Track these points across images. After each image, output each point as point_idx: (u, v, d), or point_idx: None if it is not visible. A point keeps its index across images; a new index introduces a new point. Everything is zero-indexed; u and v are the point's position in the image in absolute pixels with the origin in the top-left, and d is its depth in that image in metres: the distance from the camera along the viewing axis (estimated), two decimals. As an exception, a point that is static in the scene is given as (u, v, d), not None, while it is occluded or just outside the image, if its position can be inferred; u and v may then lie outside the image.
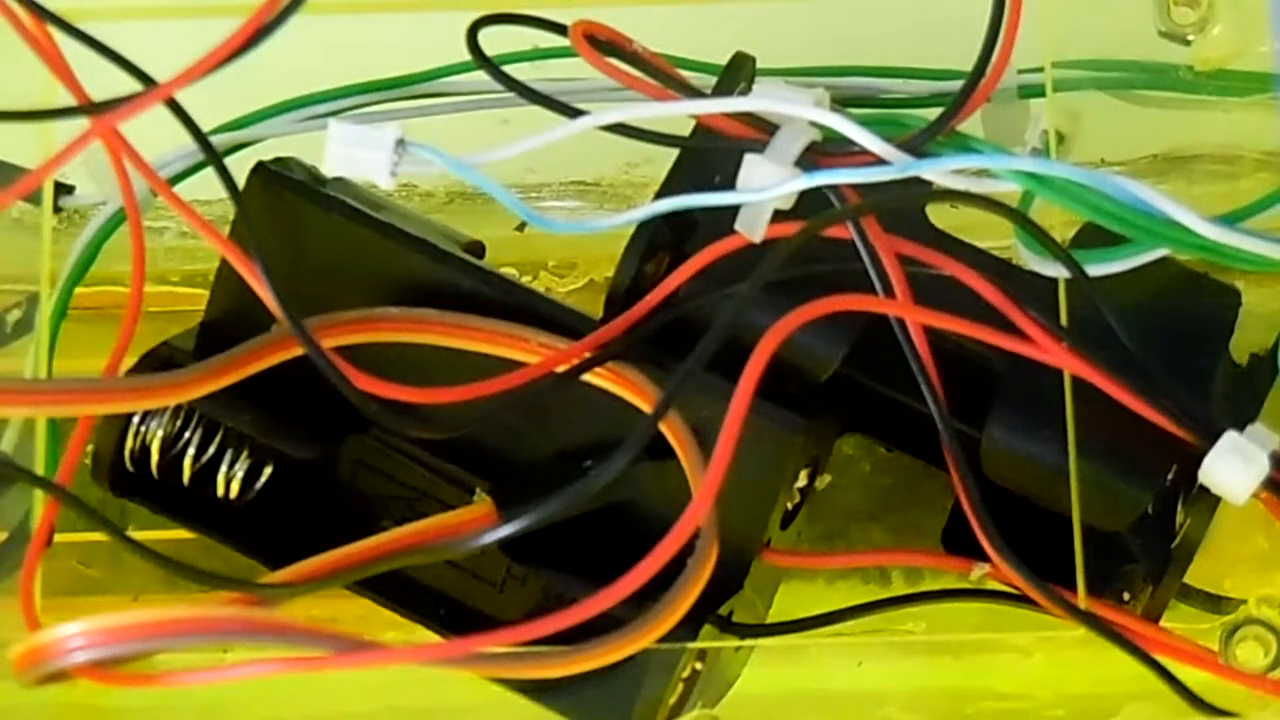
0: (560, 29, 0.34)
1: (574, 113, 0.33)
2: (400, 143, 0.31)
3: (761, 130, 0.32)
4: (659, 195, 0.34)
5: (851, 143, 0.32)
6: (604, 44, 0.34)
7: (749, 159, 0.32)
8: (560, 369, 0.34)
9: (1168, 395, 0.32)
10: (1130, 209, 0.32)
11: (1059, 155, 0.35)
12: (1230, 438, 0.32)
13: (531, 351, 0.34)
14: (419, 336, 0.34)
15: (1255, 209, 0.34)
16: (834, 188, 0.32)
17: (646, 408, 0.33)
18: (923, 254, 0.33)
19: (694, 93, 0.34)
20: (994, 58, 0.33)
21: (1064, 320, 0.34)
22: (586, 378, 0.34)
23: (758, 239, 0.33)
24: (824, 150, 0.32)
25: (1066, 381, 0.34)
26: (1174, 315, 0.35)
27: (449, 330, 0.34)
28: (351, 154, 0.32)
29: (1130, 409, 0.32)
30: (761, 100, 0.33)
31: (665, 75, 0.34)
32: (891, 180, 0.32)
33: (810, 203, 0.33)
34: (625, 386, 0.34)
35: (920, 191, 0.34)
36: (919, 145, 0.32)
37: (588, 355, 0.34)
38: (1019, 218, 0.33)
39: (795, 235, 0.32)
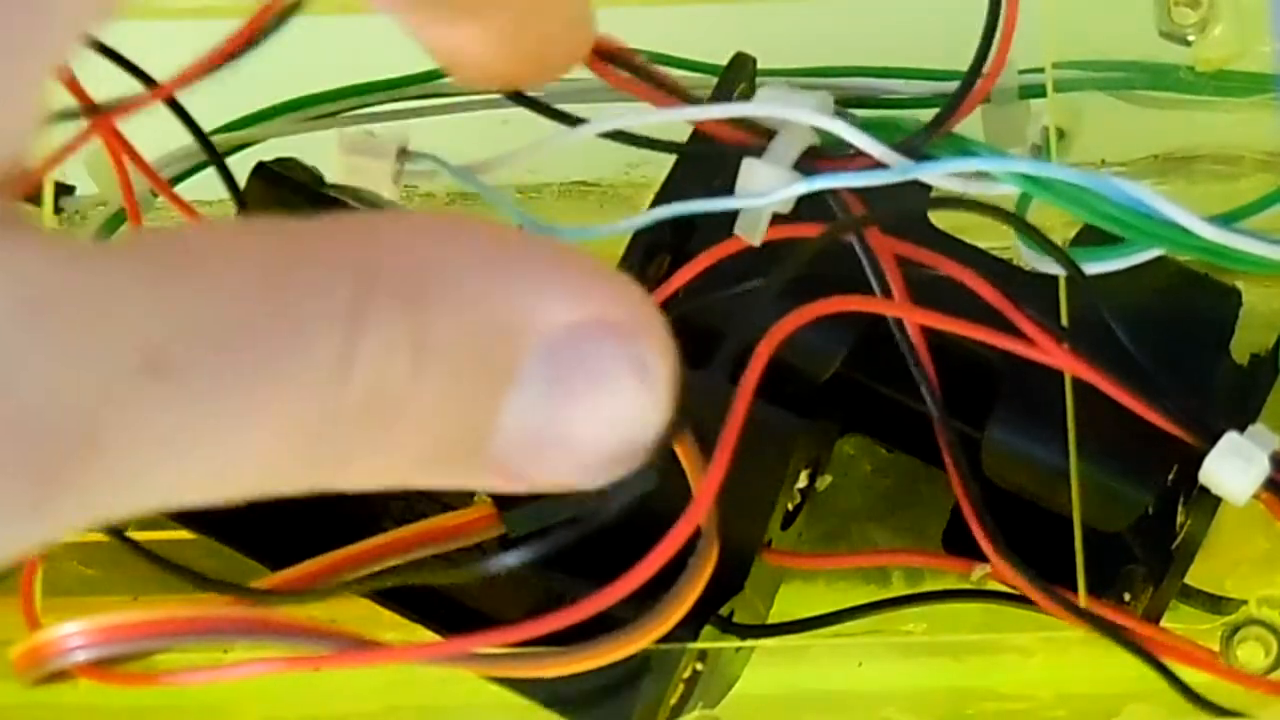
0: None
1: (573, 121, 0.32)
2: (404, 152, 0.31)
3: (759, 135, 0.32)
4: (659, 198, 0.34)
5: (850, 146, 0.32)
6: (610, 55, 0.33)
7: (747, 163, 0.32)
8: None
9: (1168, 396, 0.32)
10: (1128, 210, 0.32)
11: (1060, 151, 0.35)
12: (1230, 439, 0.32)
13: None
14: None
15: (1253, 209, 0.33)
16: (833, 192, 0.32)
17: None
18: (922, 255, 0.33)
19: (696, 101, 0.33)
20: (991, 56, 0.33)
21: (1064, 321, 0.34)
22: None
23: (756, 242, 0.33)
24: (823, 154, 0.32)
25: (1067, 383, 0.34)
26: (1175, 315, 0.35)
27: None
28: (357, 163, 0.32)
29: (1131, 410, 0.32)
30: (762, 106, 0.32)
31: (669, 87, 0.33)
32: (891, 183, 0.32)
33: (809, 206, 0.32)
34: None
35: (923, 199, 0.34)
36: (917, 147, 0.32)
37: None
38: (1016, 220, 0.33)
39: (812, 241, 0.32)
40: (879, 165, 0.32)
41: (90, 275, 0.17)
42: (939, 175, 0.32)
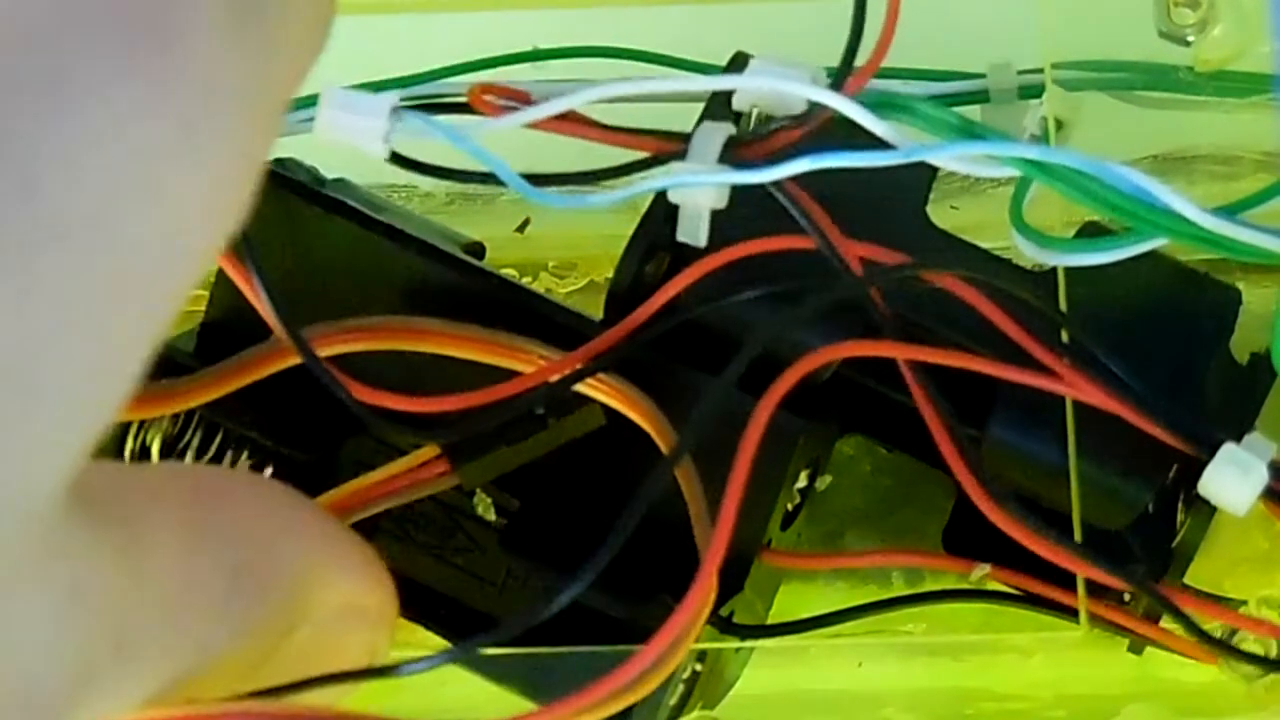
0: None
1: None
2: (395, 110, 0.30)
3: (675, 142, 0.31)
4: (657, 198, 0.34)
5: (774, 129, 0.31)
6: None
7: (674, 166, 0.31)
8: (553, 378, 0.33)
9: (1166, 404, 0.32)
10: (1129, 198, 0.31)
11: (1058, 142, 0.35)
12: (1228, 450, 0.32)
13: (529, 362, 0.34)
14: (419, 345, 0.34)
15: (1252, 202, 0.33)
16: (779, 184, 0.31)
17: (639, 418, 0.33)
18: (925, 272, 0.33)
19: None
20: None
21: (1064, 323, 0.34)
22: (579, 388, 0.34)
23: (701, 243, 0.32)
24: (742, 141, 0.31)
25: (1067, 384, 0.34)
26: (1173, 314, 0.35)
27: (449, 340, 0.34)
28: (344, 119, 0.30)
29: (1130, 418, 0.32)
30: (755, 78, 0.32)
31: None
32: (896, 165, 0.31)
33: (747, 199, 0.31)
34: (617, 398, 0.33)
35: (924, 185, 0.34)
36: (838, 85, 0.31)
37: (579, 366, 0.33)
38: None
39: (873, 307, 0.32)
40: (885, 146, 0.31)
41: (92, 563, 0.21)
42: (945, 158, 0.32)
